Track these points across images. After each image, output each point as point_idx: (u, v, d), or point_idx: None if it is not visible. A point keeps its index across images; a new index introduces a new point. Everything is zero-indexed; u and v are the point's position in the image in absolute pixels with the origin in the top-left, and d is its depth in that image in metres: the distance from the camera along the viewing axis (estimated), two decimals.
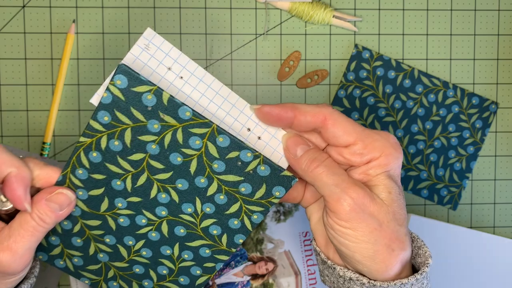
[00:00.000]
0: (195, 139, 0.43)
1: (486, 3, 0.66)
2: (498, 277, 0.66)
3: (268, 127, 0.45)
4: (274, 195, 0.45)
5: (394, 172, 0.43)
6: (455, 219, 0.67)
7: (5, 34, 0.62)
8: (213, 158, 0.44)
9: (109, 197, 0.45)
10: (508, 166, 0.67)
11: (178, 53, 0.44)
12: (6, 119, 0.63)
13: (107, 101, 0.42)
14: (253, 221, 0.46)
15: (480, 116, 0.66)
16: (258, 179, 0.45)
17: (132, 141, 0.43)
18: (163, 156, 0.44)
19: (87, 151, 0.44)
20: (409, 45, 0.65)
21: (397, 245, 0.42)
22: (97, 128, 0.43)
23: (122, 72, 0.41)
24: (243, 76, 0.64)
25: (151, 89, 0.42)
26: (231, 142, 0.43)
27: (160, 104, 0.42)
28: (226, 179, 0.45)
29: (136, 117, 0.43)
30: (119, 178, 0.45)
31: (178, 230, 0.47)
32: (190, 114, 0.42)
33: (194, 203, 0.45)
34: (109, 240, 0.47)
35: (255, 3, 0.64)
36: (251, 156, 0.44)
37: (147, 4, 0.63)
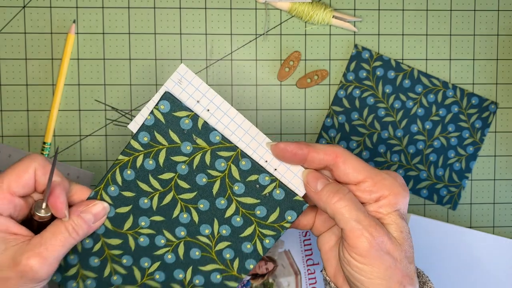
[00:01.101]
0: (221, 161, 0.48)
1: (485, 4, 0.66)
2: (497, 277, 0.66)
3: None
4: (286, 219, 0.48)
5: (403, 211, 0.45)
6: (455, 219, 0.67)
7: (6, 34, 0.62)
8: (234, 180, 0.48)
9: (134, 215, 0.49)
10: (507, 166, 0.67)
11: (207, 88, 0.48)
12: (7, 119, 0.63)
13: (150, 123, 0.47)
14: (265, 245, 0.49)
15: (480, 116, 0.66)
16: (273, 202, 0.48)
17: (165, 160, 0.48)
18: (190, 176, 0.48)
19: (123, 168, 0.48)
20: (409, 45, 0.65)
21: (407, 281, 0.44)
22: (136, 148, 0.47)
23: (166, 98, 0.46)
24: (243, 76, 0.64)
25: (189, 115, 0.47)
26: (252, 165, 0.48)
27: (195, 128, 0.47)
28: (244, 201, 0.48)
29: (172, 138, 0.47)
30: (147, 196, 0.48)
31: (193, 252, 0.50)
32: (220, 138, 0.47)
33: (212, 225, 0.49)
34: (125, 261, 0.50)
35: (255, 3, 0.64)
36: (269, 180, 0.48)
37: (147, 5, 0.63)
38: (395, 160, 0.65)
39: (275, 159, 0.49)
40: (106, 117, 0.63)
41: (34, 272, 0.43)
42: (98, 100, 0.63)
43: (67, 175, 0.63)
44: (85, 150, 0.63)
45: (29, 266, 0.43)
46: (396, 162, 0.65)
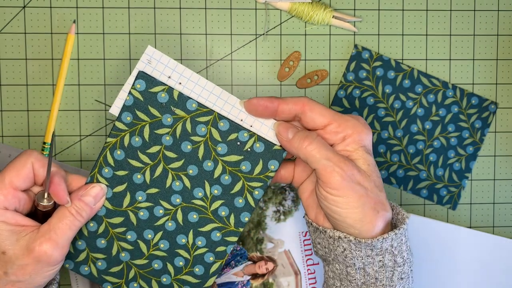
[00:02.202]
0: (201, 126, 0.51)
1: (485, 4, 0.66)
2: (497, 277, 0.66)
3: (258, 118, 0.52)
4: (270, 169, 0.52)
5: (368, 147, 0.51)
6: (455, 219, 0.67)
7: (6, 35, 0.62)
8: (216, 142, 0.51)
9: (130, 191, 0.52)
10: (507, 166, 0.67)
11: (175, 63, 0.52)
12: (7, 119, 0.63)
13: (130, 103, 0.50)
14: (255, 197, 0.53)
15: (480, 116, 0.66)
16: (255, 155, 0.52)
17: (150, 135, 0.51)
18: (176, 146, 0.51)
19: (113, 150, 0.51)
20: (409, 45, 0.65)
21: (380, 207, 0.50)
22: (121, 128, 0.51)
23: (141, 77, 0.50)
24: (243, 76, 0.64)
25: (164, 88, 0.50)
26: (230, 125, 0.51)
27: (172, 99, 0.50)
28: (229, 159, 0.52)
29: (152, 113, 0.50)
30: (139, 171, 0.52)
31: (191, 216, 0.53)
32: (196, 105, 0.50)
33: (204, 187, 0.52)
34: (130, 237, 0.53)
35: (255, 4, 0.64)
36: (247, 135, 0.51)
37: (147, 5, 0.63)
38: (395, 160, 0.65)
39: (249, 117, 0.52)
40: (106, 117, 0.63)
41: (48, 256, 0.47)
42: (98, 100, 0.63)
43: None
44: (85, 150, 0.63)
45: (43, 251, 0.47)
46: (396, 162, 0.65)
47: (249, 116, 0.52)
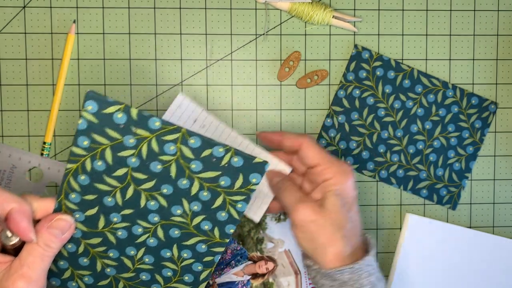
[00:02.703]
0: (169, 145, 0.46)
1: (485, 4, 0.66)
2: (497, 276, 0.66)
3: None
4: (252, 182, 0.48)
5: (342, 191, 0.56)
6: (455, 219, 0.67)
7: (6, 35, 0.62)
8: (189, 160, 0.47)
9: (104, 214, 0.48)
10: (507, 166, 0.67)
11: (200, 109, 0.57)
12: (7, 119, 0.63)
13: (83, 127, 0.45)
14: (238, 210, 0.50)
15: (480, 116, 0.66)
16: (234, 170, 0.48)
17: (113, 158, 0.46)
18: (144, 167, 0.46)
19: (75, 175, 0.47)
20: (409, 45, 0.65)
21: (333, 243, 0.55)
22: (80, 153, 0.46)
23: (90, 98, 0.44)
24: (243, 76, 0.64)
25: (120, 108, 0.44)
26: (202, 142, 0.46)
27: (131, 119, 0.45)
28: (205, 176, 0.47)
29: (111, 136, 0.45)
30: (109, 194, 0.47)
31: (173, 232, 0.50)
32: (160, 124, 0.45)
33: (182, 204, 0.48)
34: (112, 254, 0.50)
35: (255, 4, 0.64)
36: (223, 150, 0.47)
37: (148, 5, 0.63)
38: (395, 160, 0.65)
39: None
40: None
41: None
42: None
43: None
44: None
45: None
46: (396, 162, 0.66)
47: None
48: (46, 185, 0.63)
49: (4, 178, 0.63)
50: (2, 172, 0.62)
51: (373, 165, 0.65)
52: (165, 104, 0.64)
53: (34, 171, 0.63)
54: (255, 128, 0.65)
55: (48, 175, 0.63)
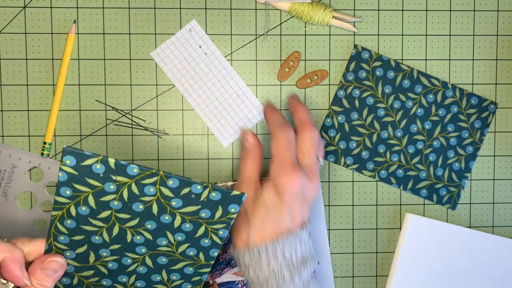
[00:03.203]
0: (149, 187, 0.48)
1: (485, 4, 0.66)
2: (496, 276, 0.66)
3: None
4: (231, 212, 0.51)
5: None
6: (454, 219, 0.67)
7: (6, 35, 0.62)
8: (169, 198, 0.49)
9: (93, 250, 0.51)
10: (507, 166, 0.67)
11: (207, 38, 0.58)
12: (7, 119, 0.63)
13: (64, 179, 0.47)
14: (220, 236, 0.52)
15: (479, 116, 0.66)
16: (213, 203, 0.50)
17: (96, 203, 0.49)
18: (127, 208, 0.49)
19: (62, 220, 0.49)
20: (408, 46, 0.66)
21: (244, 228, 0.56)
22: (63, 202, 0.48)
23: (68, 153, 0.46)
24: (243, 76, 0.64)
25: (97, 160, 0.46)
26: (180, 182, 0.49)
27: (109, 169, 0.47)
28: (186, 211, 0.50)
29: (92, 184, 0.48)
30: (96, 234, 0.50)
31: (160, 259, 0.52)
32: (138, 170, 0.47)
33: (166, 236, 0.51)
34: (105, 283, 0.53)
35: (255, 4, 0.64)
36: (201, 187, 0.49)
37: (148, 5, 0.63)
38: (394, 160, 0.66)
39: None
40: (107, 117, 0.64)
41: None
42: (99, 100, 0.63)
43: None
44: (86, 150, 0.64)
45: None
46: (395, 162, 0.66)
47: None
48: (46, 185, 0.63)
49: (4, 178, 0.63)
50: (2, 172, 0.63)
51: (372, 165, 0.66)
52: (165, 104, 0.64)
53: (35, 171, 0.63)
54: (255, 128, 0.65)
55: (48, 175, 0.63)
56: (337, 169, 0.66)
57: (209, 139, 0.64)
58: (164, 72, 0.63)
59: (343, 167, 0.66)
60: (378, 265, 0.67)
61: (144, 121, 0.64)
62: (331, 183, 0.66)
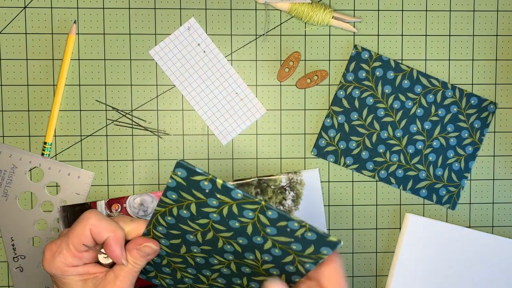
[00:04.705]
0: (248, 211, 0.51)
1: (484, 4, 0.66)
2: (496, 276, 0.66)
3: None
4: (322, 253, 0.51)
5: None
6: (454, 219, 0.67)
7: (7, 35, 0.62)
8: (265, 225, 0.51)
9: (186, 245, 0.55)
10: (506, 166, 0.67)
11: (206, 36, 0.59)
12: (8, 119, 0.63)
13: (173, 185, 0.51)
14: (306, 268, 0.53)
15: (479, 116, 0.66)
16: (306, 241, 0.51)
17: (197, 211, 0.52)
18: (224, 222, 0.52)
19: (163, 216, 0.53)
20: (408, 46, 0.66)
21: None
22: (168, 202, 0.52)
23: (180, 166, 0.50)
24: (243, 76, 0.64)
25: (206, 178, 0.50)
26: (279, 215, 0.50)
27: (215, 188, 0.50)
28: (278, 239, 0.52)
29: (197, 196, 0.51)
30: (191, 233, 0.54)
31: (244, 269, 0.56)
32: (241, 195, 0.50)
33: (254, 253, 0.54)
34: (190, 271, 0.57)
35: (255, 4, 0.64)
36: (298, 225, 0.50)
37: (148, 5, 0.63)
38: (394, 160, 0.66)
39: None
40: (107, 117, 0.64)
41: None
42: (99, 101, 0.64)
43: (67, 175, 0.63)
44: (86, 150, 0.64)
45: None
46: (395, 162, 0.66)
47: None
48: (47, 185, 0.63)
49: (4, 178, 0.63)
50: (2, 172, 0.63)
51: (372, 165, 0.66)
52: (165, 104, 0.64)
53: (35, 171, 0.63)
54: (255, 128, 0.65)
55: (49, 175, 0.63)
56: (337, 169, 0.66)
57: (209, 139, 0.65)
58: (163, 71, 0.64)
59: (343, 167, 0.66)
60: (378, 265, 0.67)
61: (144, 121, 0.64)
62: (331, 183, 0.66)
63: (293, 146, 0.65)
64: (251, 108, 0.64)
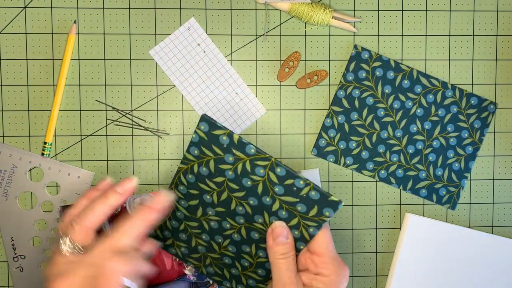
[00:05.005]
0: (260, 168, 0.55)
1: (484, 4, 0.66)
2: (496, 276, 0.66)
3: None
4: (325, 214, 0.55)
5: None
6: (454, 219, 0.67)
7: (7, 35, 0.62)
8: (274, 183, 0.55)
9: (202, 206, 0.58)
10: (506, 166, 0.67)
11: (206, 36, 0.61)
12: (8, 119, 0.63)
13: (196, 140, 0.55)
14: (310, 233, 0.56)
15: (479, 116, 0.66)
16: (310, 201, 0.55)
17: (215, 168, 0.56)
18: (237, 180, 0.56)
19: (185, 173, 0.57)
20: (408, 46, 0.66)
21: None
22: (190, 159, 0.56)
23: (203, 120, 0.54)
24: (243, 76, 0.64)
25: (225, 132, 0.54)
26: (286, 172, 0.54)
27: (232, 143, 0.55)
28: (285, 199, 0.55)
29: (216, 151, 0.55)
30: (208, 193, 0.58)
31: (253, 234, 0.58)
32: (254, 151, 0.54)
33: (263, 216, 0.57)
34: (204, 237, 0.60)
35: (255, 4, 0.64)
36: (303, 183, 0.54)
37: (148, 5, 0.63)
38: (394, 160, 0.66)
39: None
40: (107, 117, 0.64)
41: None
42: (99, 100, 0.64)
43: (67, 175, 0.63)
44: (86, 150, 0.64)
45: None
46: (395, 162, 0.66)
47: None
48: (47, 185, 0.63)
49: (4, 178, 0.63)
50: (3, 172, 0.63)
51: (372, 165, 0.66)
52: (165, 104, 0.64)
53: (35, 171, 0.63)
54: (255, 128, 0.65)
55: (49, 175, 0.63)
56: (337, 169, 0.66)
57: None
58: (163, 70, 0.64)
59: (343, 167, 0.66)
60: (378, 265, 0.67)
61: (144, 121, 0.64)
62: (331, 183, 0.66)
63: (293, 146, 0.65)
64: (251, 108, 0.64)
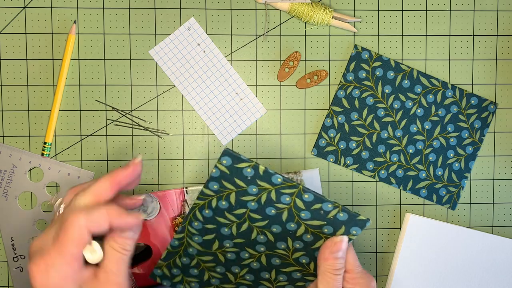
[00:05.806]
0: (286, 196, 0.53)
1: (485, 4, 0.66)
2: (496, 276, 0.66)
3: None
4: (352, 233, 0.54)
5: None
6: (454, 219, 0.67)
7: (7, 35, 0.62)
8: (300, 209, 0.54)
9: (219, 240, 0.57)
10: (506, 166, 0.67)
11: (206, 36, 0.59)
12: (7, 119, 0.63)
13: (216, 175, 0.53)
14: None
15: (479, 116, 0.66)
16: (337, 222, 0.54)
17: (236, 200, 0.54)
18: (260, 210, 0.54)
19: (201, 209, 0.55)
20: (408, 46, 0.66)
21: None
22: (208, 194, 0.54)
23: (226, 154, 0.52)
24: (243, 76, 0.64)
25: (250, 165, 0.52)
26: (314, 198, 0.53)
27: (257, 174, 0.53)
28: (311, 223, 0.54)
29: (238, 184, 0.53)
30: (226, 226, 0.56)
31: (274, 260, 0.57)
32: (281, 180, 0.53)
33: (286, 241, 0.56)
34: (219, 270, 0.59)
35: (255, 4, 0.64)
36: (332, 206, 0.53)
37: (148, 5, 0.63)
38: (394, 160, 0.66)
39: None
40: (107, 117, 0.64)
41: None
42: (99, 100, 0.64)
43: (67, 175, 0.63)
44: (86, 150, 0.64)
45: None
46: (395, 162, 0.66)
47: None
48: (46, 185, 0.63)
49: (4, 178, 0.63)
50: (2, 172, 0.63)
51: (372, 165, 0.66)
52: (165, 104, 0.64)
53: (35, 171, 0.63)
54: (255, 128, 0.65)
55: (49, 175, 0.63)
56: (337, 169, 0.66)
57: (209, 139, 0.65)
58: (163, 70, 0.64)
59: (343, 167, 0.66)
60: (378, 265, 0.67)
61: (144, 121, 0.64)
62: (331, 183, 0.66)
63: (293, 146, 0.65)
64: (251, 108, 0.64)
